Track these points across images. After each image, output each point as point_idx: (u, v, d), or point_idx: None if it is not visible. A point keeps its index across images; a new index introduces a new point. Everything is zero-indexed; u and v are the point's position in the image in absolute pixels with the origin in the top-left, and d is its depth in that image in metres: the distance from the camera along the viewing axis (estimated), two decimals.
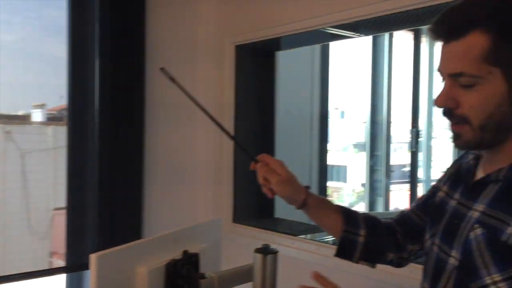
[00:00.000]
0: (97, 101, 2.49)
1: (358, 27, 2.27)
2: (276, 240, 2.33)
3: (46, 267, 2.60)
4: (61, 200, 2.63)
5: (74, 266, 2.54)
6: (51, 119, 2.68)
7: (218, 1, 2.76)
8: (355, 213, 1.25)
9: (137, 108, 2.58)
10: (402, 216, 1.24)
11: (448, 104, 0.92)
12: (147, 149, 2.62)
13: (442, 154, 4.40)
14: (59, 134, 2.65)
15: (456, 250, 0.96)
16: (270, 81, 2.76)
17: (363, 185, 4.48)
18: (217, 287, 1.14)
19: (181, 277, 1.11)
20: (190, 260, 1.16)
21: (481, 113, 0.89)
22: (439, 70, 0.94)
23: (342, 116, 5.17)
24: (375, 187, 4.09)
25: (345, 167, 5.25)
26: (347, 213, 1.23)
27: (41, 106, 2.63)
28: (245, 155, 1.22)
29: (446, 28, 0.91)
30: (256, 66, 2.71)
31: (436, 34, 0.93)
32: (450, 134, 0.97)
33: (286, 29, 2.39)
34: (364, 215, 1.25)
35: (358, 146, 5.06)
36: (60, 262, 2.64)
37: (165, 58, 2.68)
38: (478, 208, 0.94)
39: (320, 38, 2.60)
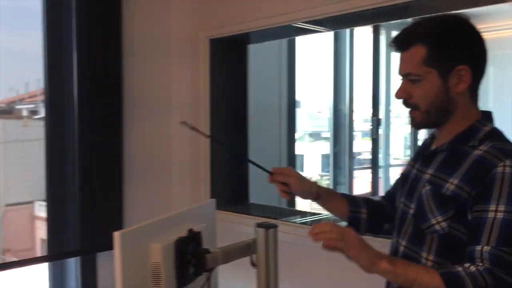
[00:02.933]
0: (75, 94, 2.53)
1: (324, 23, 2.44)
2: (250, 223, 2.48)
3: None
4: (13, 196, 2.61)
5: (57, 254, 2.59)
6: (0, 112, 2.63)
7: None
8: (356, 197, 1.57)
9: (115, 99, 2.65)
10: (388, 193, 1.57)
11: (404, 96, 1.29)
12: (125, 142, 2.69)
13: (397, 140, 4.67)
14: (9, 128, 2.62)
15: (413, 203, 1.31)
16: (242, 73, 2.88)
17: (321, 174, 4.68)
18: (221, 260, 1.26)
19: (188, 253, 1.24)
20: (194, 238, 1.27)
21: (425, 101, 1.26)
22: (398, 72, 1.31)
23: (298, 106, 5.30)
24: (337, 173, 4.29)
25: (301, 156, 5.38)
26: (350, 198, 1.55)
27: None
28: (262, 171, 1.49)
29: (399, 43, 1.29)
30: (229, 59, 2.83)
31: (394, 47, 1.31)
32: (408, 119, 1.34)
33: (258, 24, 2.52)
34: (363, 198, 1.57)
35: (313, 135, 5.20)
36: (13, 259, 2.61)
37: (141, 52, 2.76)
38: (429, 172, 1.29)
39: (289, 32, 2.74)
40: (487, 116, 1.29)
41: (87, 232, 2.57)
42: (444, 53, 1.23)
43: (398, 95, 1.30)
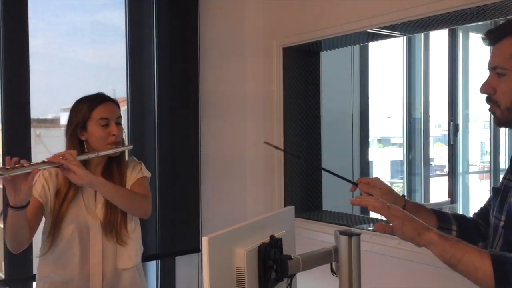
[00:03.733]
0: (156, 101, 2.66)
1: (398, 27, 2.40)
2: (326, 230, 2.48)
3: None
4: None
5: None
6: None
7: (264, 6, 2.91)
8: (446, 213, 1.50)
9: (192, 107, 2.75)
10: (480, 210, 1.48)
11: (488, 90, 1.24)
12: (202, 147, 2.79)
13: (474, 146, 4.47)
14: None
15: (503, 214, 1.25)
16: (315, 80, 2.90)
17: (390, 181, 4.55)
18: (302, 267, 1.28)
19: (270, 259, 1.26)
20: (276, 244, 1.30)
21: (508, 97, 1.20)
22: (487, 67, 1.25)
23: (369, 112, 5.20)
24: (411, 180, 4.17)
25: (371, 162, 5.28)
26: (439, 214, 1.47)
27: (69, 109, 2.70)
28: (346, 181, 1.47)
29: (491, 35, 1.26)
30: (301, 66, 2.86)
31: (486, 40, 1.28)
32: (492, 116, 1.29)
33: (331, 32, 2.52)
34: (453, 214, 1.49)
35: (383, 141, 5.09)
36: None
37: (217, 60, 2.85)
38: None
39: (362, 38, 2.72)
40: None
41: (167, 237, 2.68)
42: None
43: (482, 89, 1.26)
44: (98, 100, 1.84)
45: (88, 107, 1.82)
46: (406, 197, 1.48)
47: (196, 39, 2.76)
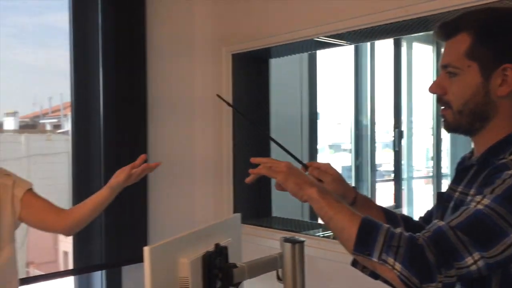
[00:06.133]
0: (101, 107, 2.59)
1: (346, 36, 2.45)
2: (274, 236, 2.49)
3: (24, 276, 2.50)
4: None
5: (83, 268, 2.63)
6: (24, 127, 2.67)
7: (212, 11, 2.90)
8: (393, 212, 1.42)
9: (140, 108, 2.69)
10: (427, 214, 1.40)
11: (437, 91, 1.14)
12: (150, 149, 2.73)
13: (419, 151, 4.62)
14: (32, 142, 2.64)
15: None
16: (264, 86, 2.91)
17: None
18: (247, 275, 1.27)
19: (215, 267, 1.25)
20: (221, 252, 1.29)
21: (460, 99, 1.10)
22: (439, 65, 1.17)
23: (318, 118, 5.30)
24: (359, 186, 4.26)
25: None
26: (387, 213, 1.39)
27: (13, 113, 2.61)
28: (296, 161, 1.38)
29: (444, 29, 1.15)
30: (251, 72, 2.87)
31: (438, 34, 1.17)
32: (441, 119, 1.19)
33: (280, 39, 2.55)
34: (400, 215, 1.42)
35: (334, 147, 5.18)
36: (37, 272, 2.63)
37: (165, 63, 2.81)
38: (458, 190, 1.14)
39: (310, 46, 2.77)
40: None
41: (112, 245, 2.60)
42: (490, 46, 1.08)
43: (431, 89, 1.15)
44: None
45: None
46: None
47: (144, 41, 2.71)
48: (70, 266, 2.71)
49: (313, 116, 3.56)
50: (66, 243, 2.76)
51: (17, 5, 2.55)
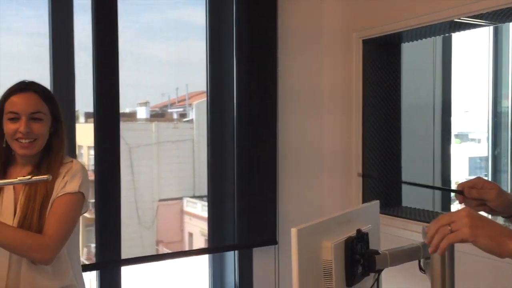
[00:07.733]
0: (235, 96, 2.71)
1: (485, 16, 2.27)
2: (407, 227, 2.41)
3: (154, 253, 2.75)
4: (165, 192, 2.77)
5: (217, 248, 2.78)
6: (154, 116, 2.83)
7: None
8: None
9: (271, 101, 2.77)
10: None
11: None
12: (280, 140, 2.80)
13: None
14: (161, 130, 2.80)
15: None
16: (395, 72, 2.82)
17: (468, 178, 4.30)
18: (389, 262, 1.26)
19: (357, 253, 1.25)
20: (362, 238, 1.29)
21: None
22: None
23: (451, 106, 5.00)
24: (497, 178, 3.95)
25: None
26: None
27: (145, 104, 2.78)
28: (447, 191, 1.26)
29: None
30: (381, 58, 2.79)
31: None
32: None
33: (413, 22, 2.44)
34: None
35: (460, 136, 4.86)
36: (165, 250, 2.80)
37: (295, 54, 2.85)
38: None
39: (445, 29, 2.61)
40: None
41: (244, 228, 2.73)
42: None
43: None
44: (12, 90, 1.60)
45: (2, 99, 1.60)
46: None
47: (275, 33, 2.77)
48: (195, 246, 2.90)
49: (446, 104, 3.37)
50: (191, 225, 2.94)
51: (152, 3, 2.70)
